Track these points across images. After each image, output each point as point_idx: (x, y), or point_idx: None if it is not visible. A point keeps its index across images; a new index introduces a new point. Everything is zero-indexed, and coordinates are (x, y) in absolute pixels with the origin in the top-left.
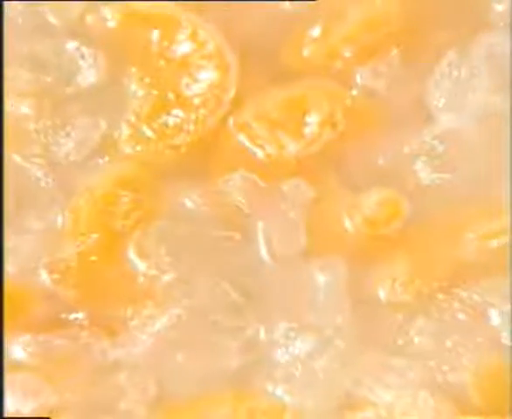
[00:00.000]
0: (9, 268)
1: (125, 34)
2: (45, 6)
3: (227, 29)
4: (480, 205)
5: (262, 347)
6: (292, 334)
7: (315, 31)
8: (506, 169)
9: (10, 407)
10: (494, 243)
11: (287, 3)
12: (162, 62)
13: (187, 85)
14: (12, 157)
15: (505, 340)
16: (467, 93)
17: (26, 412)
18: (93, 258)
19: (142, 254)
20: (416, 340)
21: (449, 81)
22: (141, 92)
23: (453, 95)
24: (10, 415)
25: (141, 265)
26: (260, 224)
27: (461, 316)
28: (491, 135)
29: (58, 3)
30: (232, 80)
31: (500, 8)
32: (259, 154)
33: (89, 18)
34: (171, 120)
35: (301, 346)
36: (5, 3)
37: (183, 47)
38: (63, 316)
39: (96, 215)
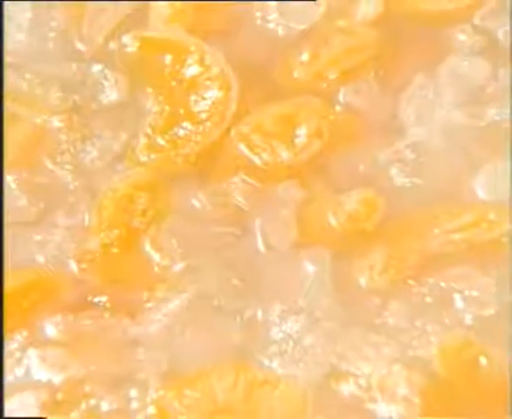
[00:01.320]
0: (39, 258)
1: (142, 59)
2: (74, 34)
3: (229, 54)
4: (445, 205)
5: (259, 326)
6: (285, 315)
7: (304, 56)
8: (466, 174)
9: (42, 377)
10: (457, 236)
11: (280, 30)
12: (173, 83)
13: (195, 102)
14: (45, 163)
15: (467, 321)
16: (434, 110)
17: (57, 382)
18: (115, 250)
19: (156, 246)
20: (390, 320)
21: (419, 99)
22: (155, 108)
23: (422, 111)
24: (42, 386)
25: (156, 256)
26: (257, 221)
27: (429, 299)
28: (454, 145)
29: (84, 31)
30: (233, 98)
31: (462, 37)
32: (257, 160)
33: (111, 45)
34: (181, 132)
35: (293, 325)
36: (37, 31)
37: (192, 70)
38: (89, 299)
39: (117, 213)
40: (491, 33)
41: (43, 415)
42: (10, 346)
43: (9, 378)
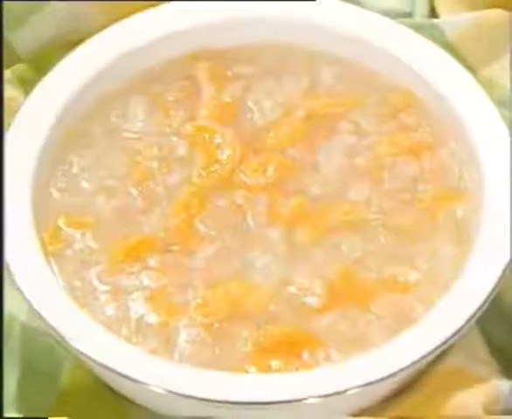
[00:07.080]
0: (145, 229)
1: (194, 135)
2: (164, 125)
3: (236, 132)
4: (337, 202)
5: (249, 263)
6: (260, 257)
7: (271, 135)
8: (347, 187)
9: (147, 284)
10: (341, 218)
11: (258, 119)
12: (210, 146)
13: (219, 155)
14: (150, 185)
15: (346, 256)
16: (332, 159)
17: (153, 286)
18: (181, 225)
19: (201, 224)
20: (312, 258)
21: (325, 155)
22: (199, 159)
23: (326, 161)
24: (147, 288)
25: (200, 227)
26: (248, 212)
27: (330, 246)
28: (343, 175)
29: (168, 122)
30: (237, 153)
31: (343, 125)
32: (248, 182)
33: (180, 129)
34: (212, 169)
35: (264, 260)
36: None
37: (217, 140)
38: (168, 248)
39: (182, 207)
40: (358, 123)
41: (149, 305)
42: (132, 269)
43: (128, 284)
